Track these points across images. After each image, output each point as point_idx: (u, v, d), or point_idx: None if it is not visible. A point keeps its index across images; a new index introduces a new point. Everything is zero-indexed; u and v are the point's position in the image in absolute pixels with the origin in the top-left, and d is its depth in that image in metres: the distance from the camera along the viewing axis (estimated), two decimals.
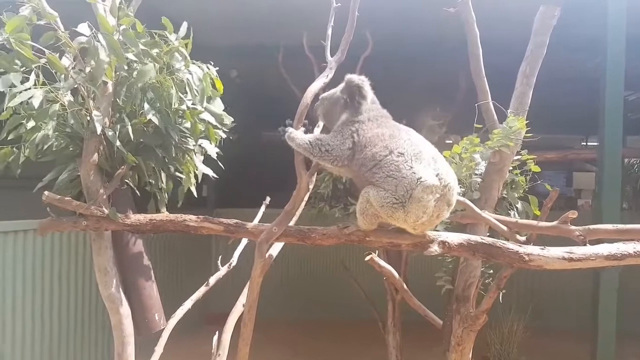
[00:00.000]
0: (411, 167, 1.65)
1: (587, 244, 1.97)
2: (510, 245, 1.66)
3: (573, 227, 2.05)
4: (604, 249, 1.67)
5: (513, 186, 2.67)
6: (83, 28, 1.70)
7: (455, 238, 1.70)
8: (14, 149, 1.97)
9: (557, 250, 1.67)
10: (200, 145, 2.13)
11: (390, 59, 4.09)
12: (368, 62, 3.57)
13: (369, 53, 3.56)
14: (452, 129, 4.43)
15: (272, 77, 4.45)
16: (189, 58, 2.00)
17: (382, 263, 2.82)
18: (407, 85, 4.93)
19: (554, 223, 2.13)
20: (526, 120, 2.38)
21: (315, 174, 1.95)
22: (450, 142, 4.94)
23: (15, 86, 1.73)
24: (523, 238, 2.32)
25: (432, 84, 4.81)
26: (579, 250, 1.71)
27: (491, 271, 2.81)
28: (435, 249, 1.64)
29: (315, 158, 1.82)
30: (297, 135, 1.87)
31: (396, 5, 3.35)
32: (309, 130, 2.03)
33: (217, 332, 2.35)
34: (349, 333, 5.71)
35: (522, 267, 1.68)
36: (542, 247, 1.68)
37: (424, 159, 1.69)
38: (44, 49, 1.71)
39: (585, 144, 7.41)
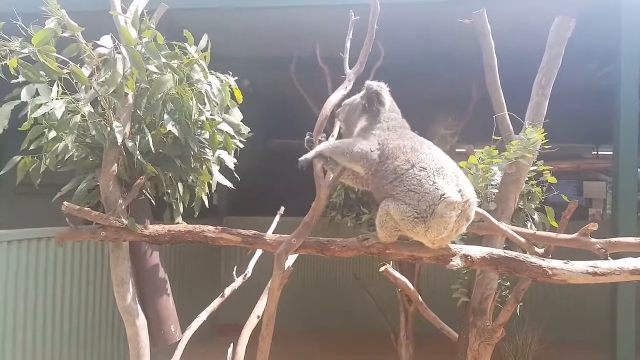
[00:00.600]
0: (434, 183, 1.64)
1: (609, 257, 1.95)
2: (534, 259, 1.64)
3: (594, 240, 2.03)
4: (629, 263, 1.65)
5: (529, 197, 2.65)
6: (106, 40, 1.71)
7: (477, 251, 1.68)
8: (35, 158, 1.98)
9: (581, 265, 1.65)
10: (219, 156, 2.13)
11: (402, 69, 4.09)
12: (380, 73, 3.57)
13: (380, 64, 3.57)
14: (465, 139, 4.42)
15: (284, 87, 4.47)
16: (207, 70, 2.01)
17: (397, 274, 2.80)
18: (419, 95, 4.93)
19: (574, 235, 2.11)
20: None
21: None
22: (463, 151, 4.93)
23: (36, 96, 1.75)
24: (541, 250, 2.30)
25: (444, 94, 4.82)
26: (603, 265, 1.69)
27: (508, 283, 2.78)
28: (457, 262, 1.63)
29: (346, 159, 1.79)
30: (322, 145, 1.87)
31: (408, 16, 3.36)
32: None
33: (231, 344, 2.33)
34: (361, 344, 5.66)
35: (545, 281, 1.66)
36: (566, 261, 1.65)
37: (446, 175, 1.68)
38: (67, 60, 1.72)
39: (596, 153, 7.37)
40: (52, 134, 1.86)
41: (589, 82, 4.47)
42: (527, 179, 2.59)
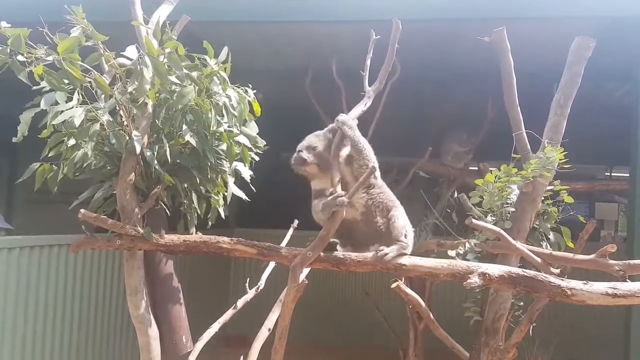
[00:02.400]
0: None
1: (627, 280, 1.91)
2: (553, 279, 1.62)
3: (612, 262, 2.00)
4: None
5: (545, 217, 2.62)
6: (131, 50, 1.74)
7: (495, 270, 1.66)
8: (53, 166, 1.99)
9: (601, 286, 1.62)
10: (235, 168, 2.14)
11: (418, 85, 4.10)
12: (395, 88, 3.59)
13: (396, 79, 3.58)
14: (480, 157, 4.40)
15: (298, 100, 4.49)
16: (228, 81, 2.03)
17: (409, 291, 2.78)
18: (434, 111, 4.94)
19: (592, 256, 2.07)
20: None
21: None
22: (476, 169, 4.91)
23: (57, 104, 1.76)
24: (557, 271, 2.26)
25: (459, 111, 4.81)
26: (623, 287, 1.66)
27: (522, 303, 2.74)
28: (475, 280, 1.61)
29: (372, 162, 1.94)
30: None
31: (424, 32, 3.38)
32: None
33: (241, 357, 2.31)
34: (369, 359, 5.59)
35: (564, 302, 1.63)
36: (585, 282, 1.62)
37: None
38: (90, 69, 1.74)
39: (609, 174, 7.30)
40: (72, 141, 1.88)
41: (605, 102, 4.45)
42: (543, 198, 2.57)
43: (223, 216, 2.22)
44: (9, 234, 4.01)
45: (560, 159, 2.22)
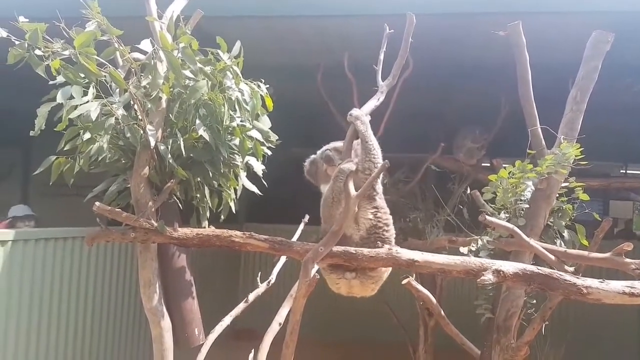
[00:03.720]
0: None
1: None
2: (568, 277, 1.60)
3: (628, 260, 1.97)
4: None
5: (560, 214, 2.59)
6: (145, 44, 1.74)
7: (510, 267, 1.64)
8: (69, 159, 2.02)
9: (618, 284, 1.60)
10: (247, 163, 2.14)
11: (430, 80, 4.07)
12: (407, 84, 3.56)
13: (409, 74, 3.55)
14: (492, 153, 4.36)
15: (309, 96, 4.48)
16: (240, 76, 2.03)
17: (420, 287, 2.77)
18: (447, 107, 4.90)
19: (607, 255, 2.05)
20: None
21: None
22: (488, 165, 4.86)
23: (72, 98, 1.78)
24: (571, 269, 2.24)
25: (472, 106, 4.77)
26: None
27: (534, 301, 2.72)
28: (489, 277, 1.59)
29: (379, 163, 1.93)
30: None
31: (438, 27, 3.34)
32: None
33: (252, 350, 2.33)
34: (377, 355, 5.59)
35: (579, 300, 1.61)
36: (602, 280, 1.60)
37: None
38: (106, 63, 1.76)
39: (624, 172, 7.20)
40: (87, 135, 1.89)
41: (620, 98, 4.37)
42: (557, 195, 2.54)
43: (234, 210, 2.23)
44: (38, 223, 4.08)
45: (576, 155, 2.19)
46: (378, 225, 1.94)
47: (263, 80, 2.12)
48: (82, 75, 1.70)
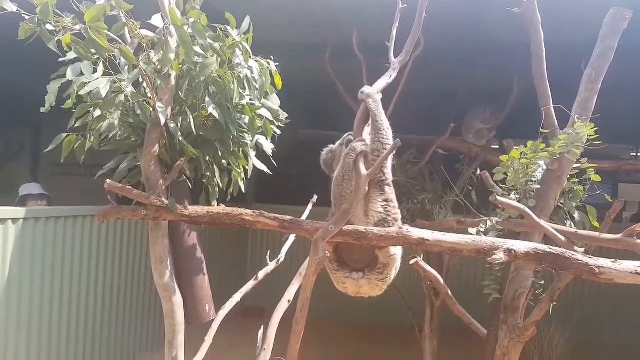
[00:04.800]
0: None
1: None
2: (580, 257, 1.59)
3: None
4: None
5: (571, 195, 2.57)
6: (157, 19, 1.72)
7: (521, 246, 1.64)
8: (79, 136, 2.02)
9: (630, 264, 1.59)
10: (256, 142, 2.14)
11: (441, 59, 4.01)
12: (418, 63, 3.51)
13: (419, 53, 3.50)
14: (502, 135, 4.32)
15: (317, 75, 4.44)
16: (250, 52, 2.00)
17: (427, 267, 2.77)
18: (457, 86, 4.84)
19: (618, 236, 2.04)
20: None
21: None
22: (497, 147, 4.82)
23: (82, 75, 1.77)
24: (581, 249, 2.23)
25: (483, 86, 4.70)
26: None
27: (542, 282, 2.72)
28: (500, 256, 1.59)
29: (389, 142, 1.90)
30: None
31: (449, 3, 3.27)
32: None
33: (262, 327, 2.36)
34: (384, 335, 5.66)
35: (591, 280, 1.61)
36: (614, 260, 1.60)
37: None
38: (116, 38, 1.74)
39: (635, 154, 7.12)
40: (97, 112, 1.89)
41: (636, 79, 4.29)
42: (568, 176, 2.51)
43: (243, 190, 2.23)
44: (50, 202, 4.06)
45: (589, 135, 2.16)
46: (387, 219, 1.90)
47: (272, 57, 2.10)
48: (93, 51, 1.69)
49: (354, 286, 1.95)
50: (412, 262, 2.63)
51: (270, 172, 2.25)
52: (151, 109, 1.91)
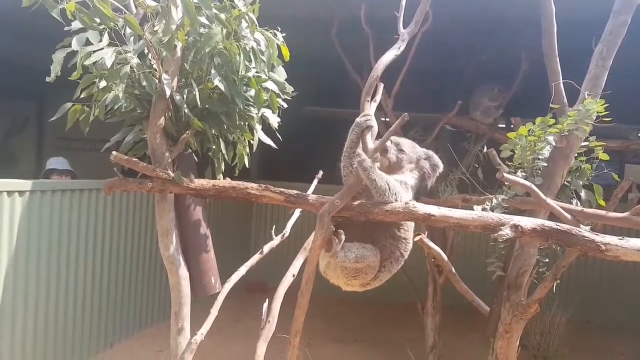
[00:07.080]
0: None
1: None
2: (587, 233, 1.59)
3: None
4: None
5: (578, 174, 2.55)
6: None
7: (528, 222, 1.63)
8: (84, 107, 2.01)
9: (637, 242, 1.58)
10: (262, 115, 2.12)
11: (448, 35, 3.94)
12: (425, 38, 3.45)
13: (426, 29, 3.44)
14: (510, 112, 4.27)
15: (323, 49, 4.37)
16: (256, 24, 1.97)
17: (431, 244, 2.78)
18: (465, 64, 4.76)
19: (625, 214, 2.03)
20: None
21: None
22: (504, 126, 4.78)
23: (88, 44, 1.75)
24: (587, 227, 2.22)
25: (491, 63, 4.63)
26: None
27: (547, 260, 2.73)
28: (506, 232, 1.59)
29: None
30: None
31: None
32: None
33: (266, 300, 2.38)
34: (386, 312, 5.72)
35: (597, 257, 1.61)
36: (621, 237, 1.59)
37: None
38: (121, 8, 1.71)
39: None
40: (103, 83, 1.87)
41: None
42: (576, 154, 2.49)
43: (247, 165, 2.23)
44: (75, 178, 4.06)
45: (599, 112, 2.13)
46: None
47: (279, 29, 2.06)
48: (98, 21, 1.66)
49: (323, 261, 1.98)
50: (416, 239, 2.64)
51: (275, 146, 2.24)
52: (157, 81, 1.89)
